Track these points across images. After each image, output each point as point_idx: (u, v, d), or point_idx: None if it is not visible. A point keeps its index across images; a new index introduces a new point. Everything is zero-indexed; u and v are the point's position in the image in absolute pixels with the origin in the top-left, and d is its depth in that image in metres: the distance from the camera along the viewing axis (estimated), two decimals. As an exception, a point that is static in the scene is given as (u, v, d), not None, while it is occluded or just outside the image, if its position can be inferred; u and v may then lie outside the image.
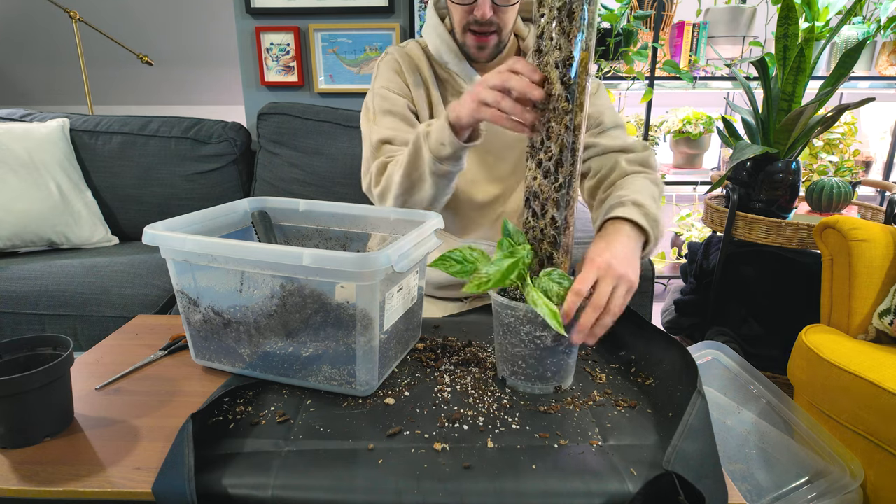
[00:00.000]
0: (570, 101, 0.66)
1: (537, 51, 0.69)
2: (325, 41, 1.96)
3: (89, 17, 2.50)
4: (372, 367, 0.69)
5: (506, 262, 0.68)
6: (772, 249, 1.60)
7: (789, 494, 1.04)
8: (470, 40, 0.96)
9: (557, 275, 0.68)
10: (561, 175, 0.69)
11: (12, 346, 0.66)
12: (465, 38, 0.96)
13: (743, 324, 1.63)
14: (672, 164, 2.72)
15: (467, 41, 0.97)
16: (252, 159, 1.98)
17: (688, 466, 0.54)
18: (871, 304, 1.26)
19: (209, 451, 0.59)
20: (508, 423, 0.65)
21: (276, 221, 0.92)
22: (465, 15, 0.93)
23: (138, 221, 1.87)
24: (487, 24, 0.92)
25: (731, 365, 1.29)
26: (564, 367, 0.71)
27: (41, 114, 1.89)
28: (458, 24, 0.95)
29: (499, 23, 0.93)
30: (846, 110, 1.44)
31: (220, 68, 3.32)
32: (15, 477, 0.56)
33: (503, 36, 0.96)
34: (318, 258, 0.62)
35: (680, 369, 0.70)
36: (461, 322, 0.96)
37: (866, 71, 2.25)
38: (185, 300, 0.74)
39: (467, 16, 0.93)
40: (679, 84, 2.20)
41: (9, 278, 1.42)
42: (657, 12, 2.11)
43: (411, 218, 0.85)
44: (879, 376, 1.05)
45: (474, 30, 0.94)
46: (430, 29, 1.02)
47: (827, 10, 1.81)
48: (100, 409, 0.69)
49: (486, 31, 0.93)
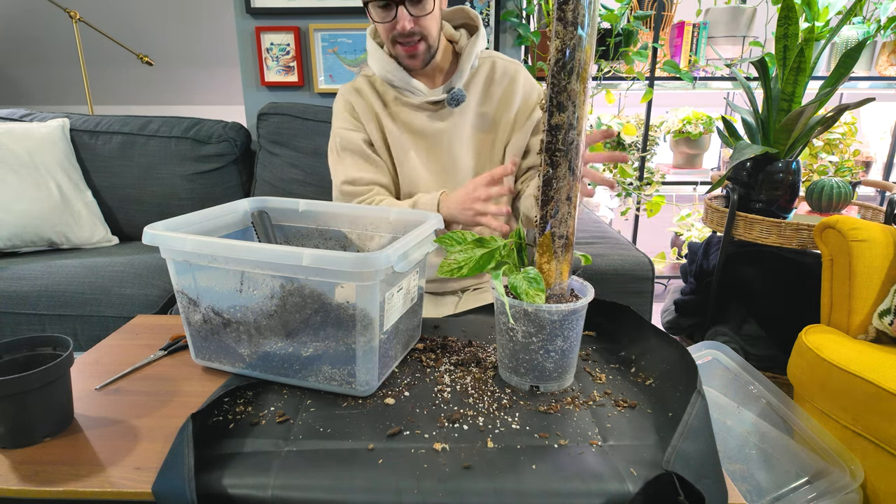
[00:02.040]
0: (551, 103, 0.66)
1: None
2: (325, 41, 1.96)
3: (89, 17, 2.50)
4: (372, 367, 0.69)
5: (478, 251, 0.70)
6: (772, 249, 1.60)
7: (789, 494, 1.04)
8: (400, 51, 1.05)
9: (532, 274, 0.70)
10: (541, 173, 0.70)
11: (12, 346, 0.66)
12: (395, 50, 1.06)
13: (743, 324, 1.63)
14: (672, 164, 2.72)
15: (398, 52, 1.06)
16: (252, 159, 1.98)
17: (688, 466, 0.54)
18: (871, 304, 1.26)
19: (209, 451, 0.59)
20: (508, 423, 0.65)
21: (276, 221, 0.92)
22: (390, 30, 1.02)
23: (138, 221, 1.87)
24: (410, 35, 1.01)
25: (731, 365, 1.29)
26: (539, 367, 0.71)
27: (41, 114, 1.89)
28: (386, 39, 1.05)
29: (421, 31, 1.01)
30: (846, 110, 1.44)
31: (220, 68, 3.32)
32: (15, 477, 0.57)
33: (430, 41, 1.04)
34: (318, 258, 0.62)
35: (680, 369, 0.70)
36: (461, 322, 0.96)
37: (866, 71, 2.25)
38: (185, 300, 0.74)
39: (391, 31, 1.01)
40: (679, 84, 2.20)
41: (9, 278, 1.42)
42: (657, 12, 2.11)
43: (411, 218, 0.85)
44: (879, 376, 1.05)
45: (401, 41, 1.03)
46: (372, 56, 1.11)
47: (827, 10, 1.81)
48: (100, 409, 0.69)
49: (411, 41, 1.02)
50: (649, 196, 2.37)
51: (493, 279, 0.67)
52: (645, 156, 2.35)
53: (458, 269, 0.70)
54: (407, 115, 1.11)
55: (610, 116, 2.48)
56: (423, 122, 1.10)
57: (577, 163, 0.69)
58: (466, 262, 0.71)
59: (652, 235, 3.80)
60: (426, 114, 1.10)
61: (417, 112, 1.10)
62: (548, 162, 0.68)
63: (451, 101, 1.07)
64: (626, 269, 1.40)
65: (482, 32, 1.10)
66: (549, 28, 1.93)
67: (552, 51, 0.65)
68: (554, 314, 0.67)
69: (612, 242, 1.56)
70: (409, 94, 1.10)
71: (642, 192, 2.37)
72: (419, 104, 1.09)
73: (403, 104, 1.11)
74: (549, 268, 0.72)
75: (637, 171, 2.37)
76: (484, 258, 0.71)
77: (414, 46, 1.02)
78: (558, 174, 0.68)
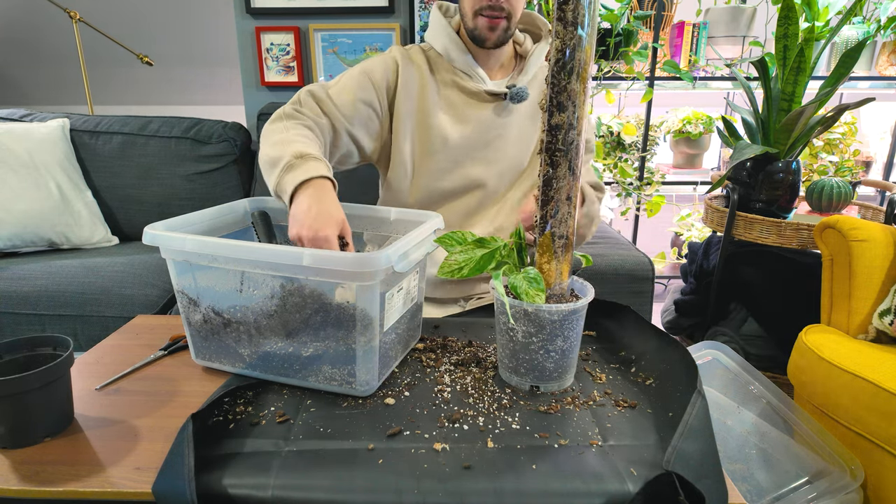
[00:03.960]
0: (551, 103, 0.66)
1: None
2: (325, 41, 1.96)
3: (89, 17, 2.50)
4: (372, 367, 0.69)
5: (479, 251, 0.70)
6: (772, 249, 1.60)
7: (789, 494, 1.04)
8: (482, 22, 1.00)
9: (532, 274, 0.70)
10: (541, 173, 0.70)
11: (12, 346, 0.66)
12: (476, 21, 1.01)
13: (743, 324, 1.63)
14: (672, 164, 2.72)
15: (479, 24, 1.01)
16: (252, 159, 1.98)
17: (688, 466, 0.54)
18: (871, 304, 1.26)
19: (209, 451, 0.59)
20: (508, 423, 0.65)
21: (276, 221, 0.92)
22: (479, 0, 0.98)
23: (138, 221, 1.87)
24: (499, 8, 0.98)
25: (731, 365, 1.29)
26: (539, 367, 0.71)
27: (41, 114, 1.89)
28: (471, 9, 1.00)
29: (509, 8, 0.99)
30: (846, 110, 1.44)
31: (220, 68, 3.32)
32: (15, 477, 0.56)
33: (511, 24, 1.01)
34: (318, 258, 0.62)
35: (680, 369, 0.70)
36: (461, 322, 0.96)
37: (866, 71, 2.25)
38: (185, 300, 0.74)
39: (480, 1, 0.98)
40: (679, 84, 2.20)
41: (9, 278, 1.42)
42: (657, 12, 2.11)
43: (411, 218, 0.85)
44: (879, 376, 1.05)
45: (487, 14, 0.99)
46: (438, 28, 1.08)
47: (827, 10, 1.81)
48: (100, 409, 0.69)
49: (497, 14, 0.99)
50: (649, 196, 2.37)
51: (494, 279, 0.67)
52: (645, 156, 2.35)
53: (458, 269, 0.70)
54: (461, 100, 1.07)
55: (610, 116, 2.48)
56: (479, 112, 1.07)
57: (577, 163, 0.69)
58: (467, 262, 0.71)
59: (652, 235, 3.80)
60: (483, 103, 1.07)
61: (472, 100, 1.07)
62: (548, 162, 0.68)
63: (515, 98, 1.05)
64: (626, 269, 1.40)
65: (549, 40, 1.09)
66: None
67: (552, 51, 0.65)
68: (554, 314, 0.67)
69: (612, 242, 1.56)
70: (468, 79, 1.06)
71: (642, 192, 2.37)
72: (476, 91, 1.06)
73: (460, 89, 1.07)
74: (549, 268, 0.72)
75: (637, 171, 2.37)
76: (484, 258, 0.71)
77: (497, 20, 0.99)
78: (558, 174, 0.68)
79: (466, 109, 1.07)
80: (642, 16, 2.01)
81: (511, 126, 1.08)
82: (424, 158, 1.08)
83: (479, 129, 1.07)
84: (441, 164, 1.07)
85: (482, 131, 1.07)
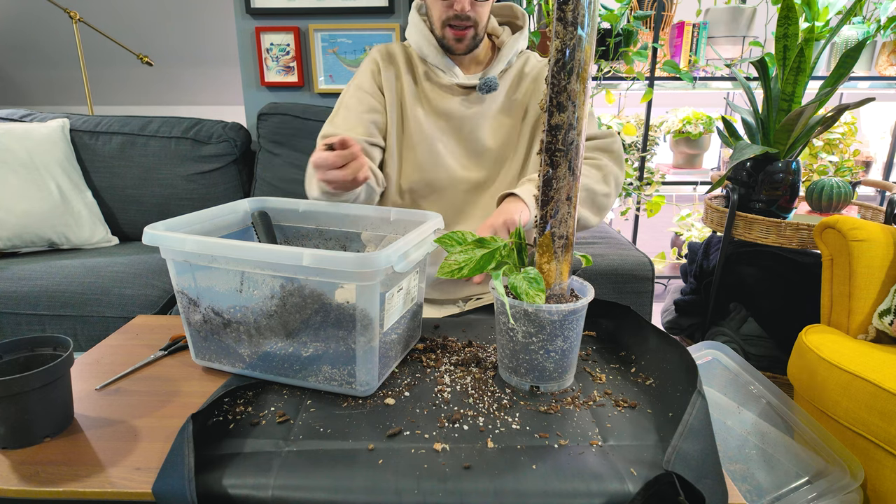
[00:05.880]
0: (551, 103, 0.66)
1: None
2: (325, 41, 1.96)
3: (89, 18, 2.50)
4: (372, 368, 0.69)
5: (479, 252, 0.70)
6: (772, 249, 1.60)
7: (789, 494, 1.04)
8: (449, 34, 1.04)
9: (532, 274, 0.70)
10: (540, 173, 0.70)
11: (12, 346, 0.66)
12: (444, 32, 1.05)
13: (743, 324, 1.63)
14: (672, 164, 2.72)
15: (446, 35, 1.05)
16: (252, 159, 1.98)
17: (688, 466, 0.54)
18: (871, 304, 1.26)
19: (209, 452, 0.59)
20: (508, 423, 0.65)
21: (276, 222, 0.92)
22: (445, 10, 1.02)
23: (138, 221, 1.87)
24: (465, 18, 1.01)
25: (731, 365, 1.29)
26: (539, 367, 0.71)
27: (41, 114, 1.89)
28: (438, 19, 1.04)
29: (475, 17, 1.02)
30: (846, 110, 1.44)
31: (220, 68, 3.32)
32: (15, 477, 0.56)
33: (479, 30, 1.05)
34: (318, 258, 0.62)
35: (680, 369, 0.70)
36: (461, 322, 0.96)
37: (866, 71, 2.25)
38: (185, 300, 0.74)
39: (447, 11, 1.02)
40: (679, 84, 2.20)
41: (9, 278, 1.42)
42: (657, 12, 2.11)
43: (411, 218, 0.85)
44: (879, 376, 1.05)
45: (453, 24, 1.03)
46: (413, 27, 1.11)
47: (827, 10, 1.81)
48: (100, 409, 0.69)
49: (463, 25, 1.02)
50: (649, 196, 2.37)
51: (494, 279, 0.67)
52: (645, 156, 2.35)
53: (458, 269, 0.70)
54: (434, 93, 1.10)
55: (610, 116, 2.48)
56: (451, 104, 1.09)
57: (577, 163, 0.69)
58: (467, 262, 0.71)
59: (652, 235, 3.80)
60: (454, 96, 1.10)
61: (445, 93, 1.10)
62: (548, 162, 0.68)
63: (483, 88, 1.07)
64: (626, 269, 1.40)
65: (525, 33, 1.11)
66: (549, 28, 1.93)
67: (552, 51, 0.65)
68: (554, 314, 0.67)
69: (612, 242, 1.56)
70: (441, 74, 1.10)
71: (642, 192, 2.37)
72: (449, 85, 1.09)
73: (433, 82, 1.11)
74: (549, 268, 0.72)
75: (637, 171, 2.37)
76: (484, 258, 0.71)
77: (463, 31, 1.03)
78: (558, 174, 0.68)
79: (440, 102, 1.10)
80: (642, 16, 2.01)
81: (484, 117, 1.10)
82: (407, 151, 1.11)
83: (452, 122, 1.10)
84: (421, 155, 1.10)
85: (457, 124, 1.10)
